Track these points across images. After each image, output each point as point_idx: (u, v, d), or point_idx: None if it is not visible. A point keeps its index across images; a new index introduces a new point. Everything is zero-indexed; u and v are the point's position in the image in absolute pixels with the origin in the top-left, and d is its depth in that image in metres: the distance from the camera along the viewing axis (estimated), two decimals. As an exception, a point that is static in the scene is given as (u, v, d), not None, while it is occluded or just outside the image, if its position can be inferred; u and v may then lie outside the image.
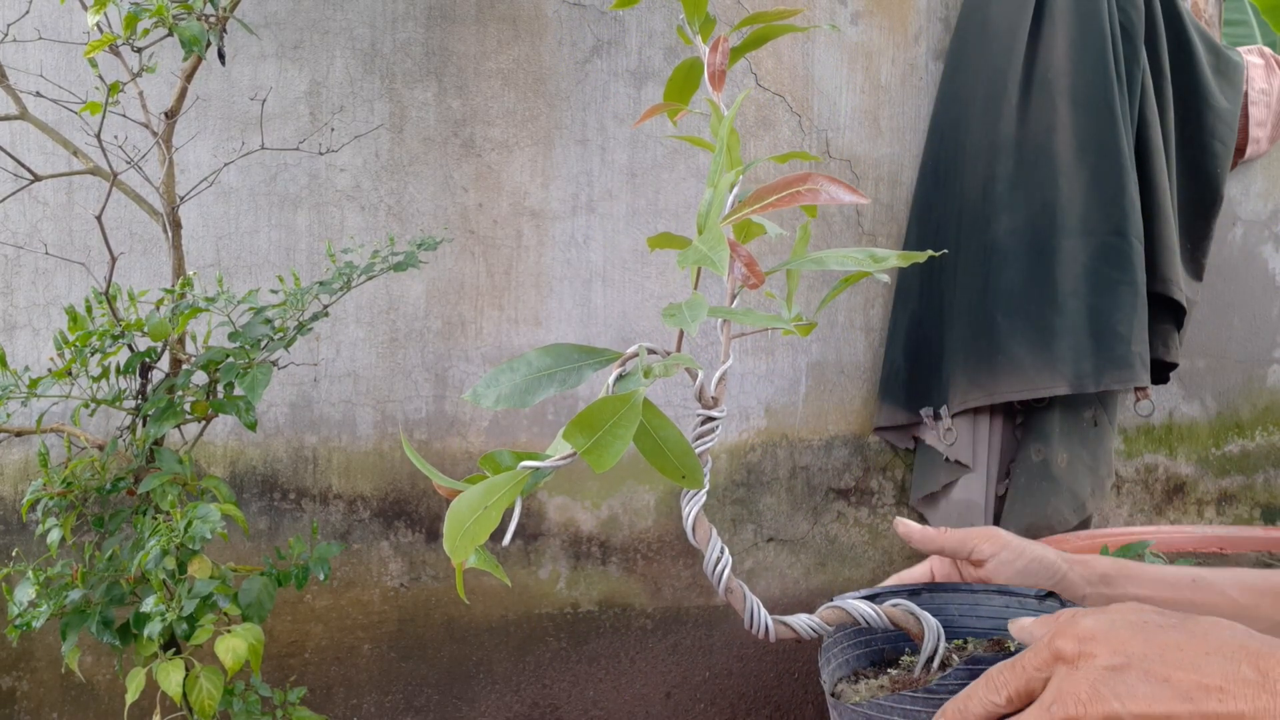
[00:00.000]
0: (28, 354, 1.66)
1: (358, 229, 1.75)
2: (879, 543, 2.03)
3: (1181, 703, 0.47)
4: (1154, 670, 0.48)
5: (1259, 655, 0.47)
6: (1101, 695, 0.49)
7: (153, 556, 1.14)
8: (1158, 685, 0.48)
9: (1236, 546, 1.74)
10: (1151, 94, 1.92)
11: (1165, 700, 0.47)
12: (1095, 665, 0.50)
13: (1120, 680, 0.49)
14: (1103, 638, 0.50)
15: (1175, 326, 1.98)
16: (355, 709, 1.79)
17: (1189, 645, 0.49)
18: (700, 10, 0.60)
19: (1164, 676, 0.48)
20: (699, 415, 0.61)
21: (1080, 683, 0.50)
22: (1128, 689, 0.48)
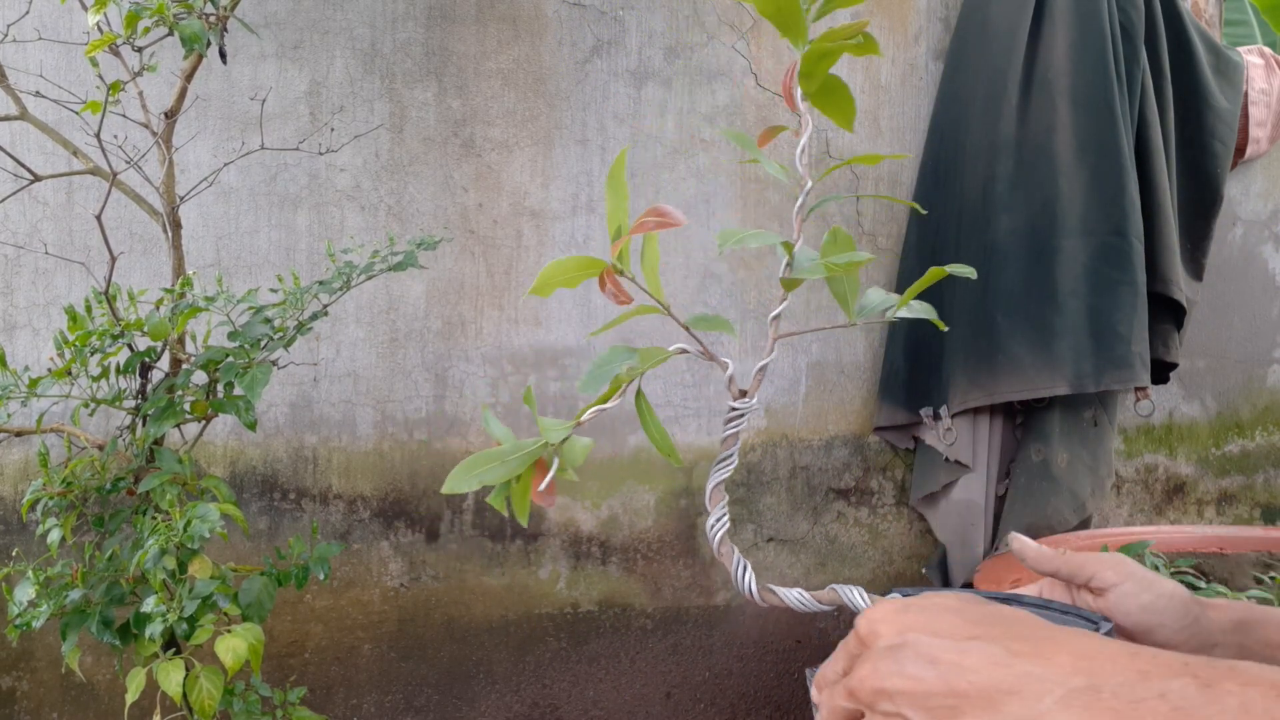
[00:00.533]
0: (28, 354, 1.66)
1: (358, 229, 1.75)
2: (879, 542, 2.03)
3: (940, 681, 0.48)
4: (924, 650, 0.49)
5: (1019, 638, 0.49)
6: (877, 673, 0.51)
7: (152, 556, 1.14)
8: (925, 664, 0.49)
9: (1236, 546, 1.74)
10: (1151, 94, 1.92)
11: (927, 680, 0.49)
12: (878, 645, 0.52)
13: (893, 658, 0.50)
14: (890, 620, 0.52)
15: (1175, 326, 1.98)
16: (355, 709, 1.79)
17: (961, 629, 0.50)
18: (802, 34, 0.61)
19: (932, 657, 0.49)
20: (729, 406, 0.65)
21: (865, 659, 0.52)
22: (897, 667, 0.50)
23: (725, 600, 1.95)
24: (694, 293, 1.89)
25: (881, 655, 0.51)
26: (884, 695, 0.50)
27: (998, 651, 0.48)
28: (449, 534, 1.81)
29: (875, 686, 0.51)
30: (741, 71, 1.89)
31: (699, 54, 1.87)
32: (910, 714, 0.49)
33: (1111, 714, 0.43)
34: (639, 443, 1.88)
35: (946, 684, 0.48)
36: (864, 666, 0.52)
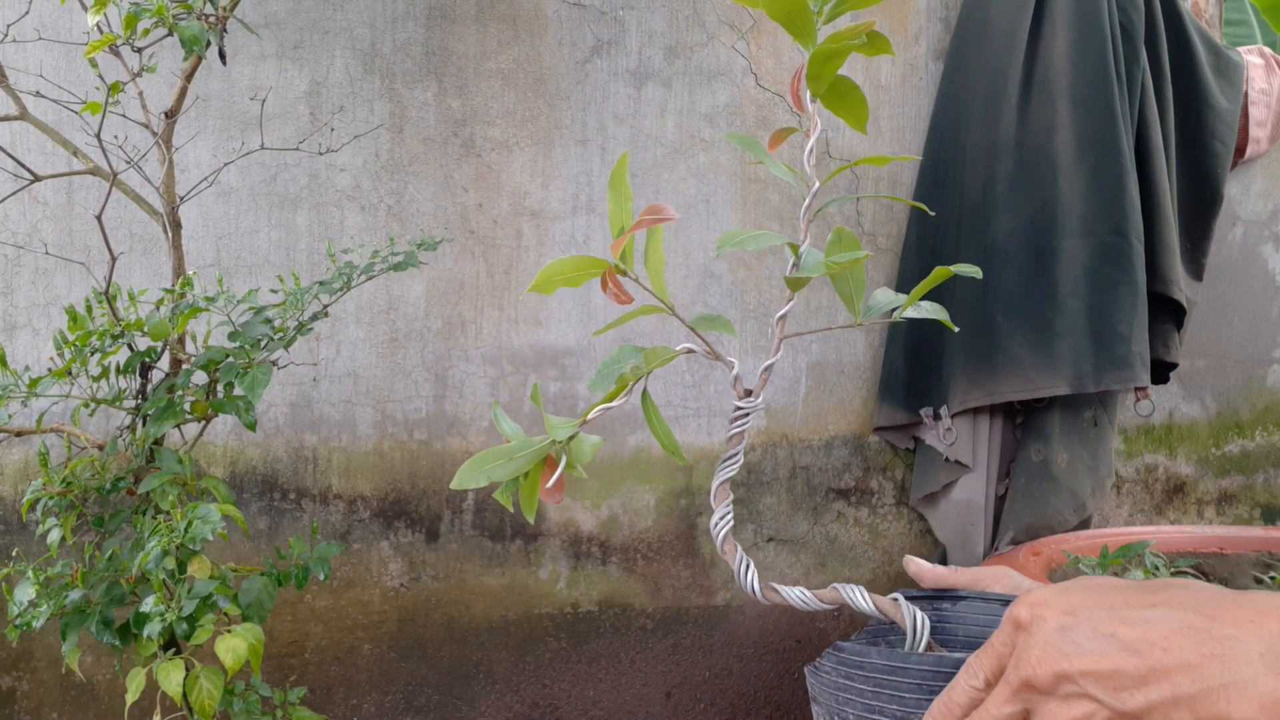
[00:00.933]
0: (28, 354, 1.66)
1: (358, 229, 1.75)
2: (879, 543, 2.03)
3: (1129, 656, 0.46)
4: (1101, 626, 0.47)
5: (1207, 604, 0.46)
6: (1050, 655, 0.48)
7: (153, 556, 1.14)
8: (1104, 640, 0.47)
9: (1236, 546, 1.74)
10: (1151, 94, 1.92)
11: (1112, 655, 0.46)
12: (1046, 627, 0.49)
13: (1068, 638, 0.48)
14: (1053, 600, 0.50)
15: (1175, 326, 1.98)
16: (355, 709, 1.79)
17: (1137, 600, 0.48)
18: (812, 36, 0.61)
19: (1110, 632, 0.47)
20: (734, 405, 0.66)
21: (1033, 645, 0.49)
22: (1075, 646, 0.48)
23: (725, 600, 1.95)
24: (694, 293, 1.89)
25: (1053, 636, 0.48)
26: (1065, 678, 0.47)
27: (1190, 617, 0.46)
28: (449, 534, 1.81)
29: (1054, 670, 0.48)
30: (741, 71, 1.89)
31: (699, 54, 1.88)
32: (1098, 693, 0.47)
33: None
34: (639, 443, 1.88)
35: (1136, 656, 0.46)
36: (1034, 651, 0.48)
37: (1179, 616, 0.46)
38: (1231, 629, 0.45)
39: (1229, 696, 0.43)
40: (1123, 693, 0.46)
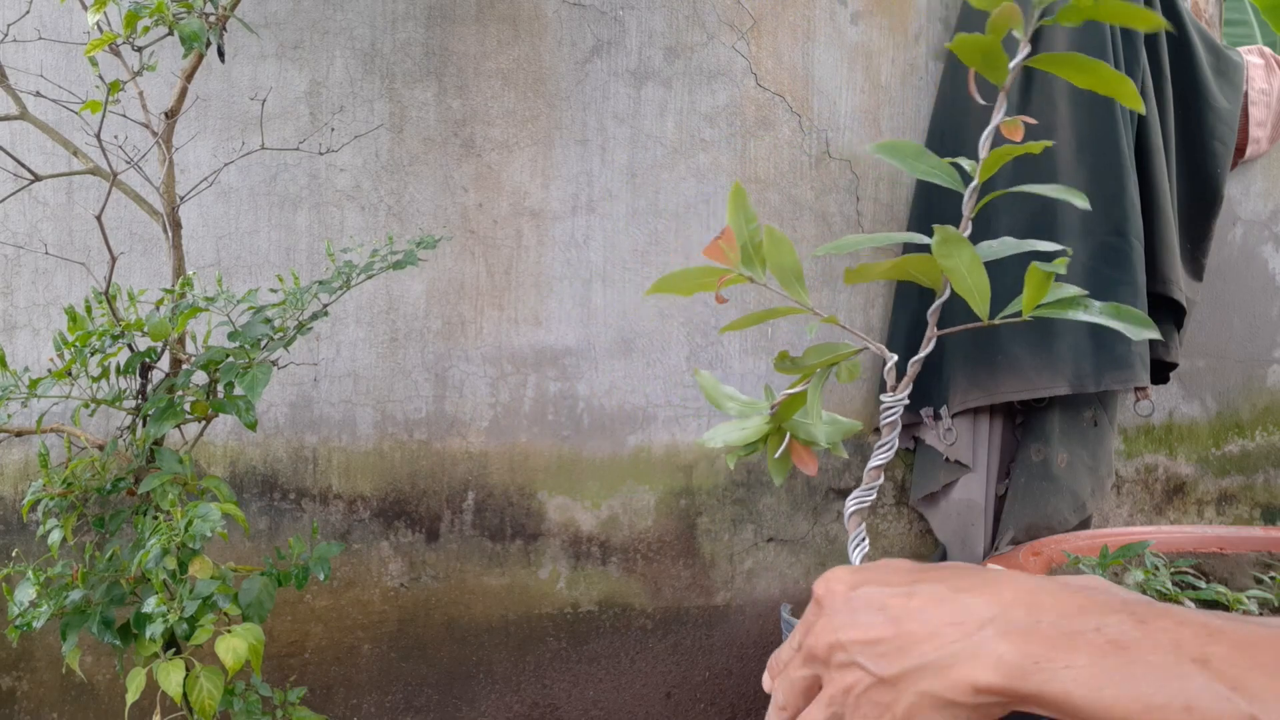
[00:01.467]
0: (28, 354, 1.66)
1: (358, 229, 1.75)
2: (879, 543, 2.03)
3: (888, 625, 0.49)
4: (874, 599, 0.51)
5: (963, 579, 0.49)
6: (832, 624, 0.52)
7: (153, 556, 1.14)
8: (873, 612, 0.50)
9: (1236, 546, 1.74)
10: (1151, 94, 1.92)
11: (877, 626, 0.49)
12: (835, 601, 0.53)
13: (846, 610, 0.51)
14: (845, 577, 0.54)
15: (1175, 326, 1.98)
16: (355, 709, 1.79)
17: (913, 577, 0.51)
18: (1003, 72, 0.62)
19: (881, 604, 0.50)
20: (880, 399, 0.70)
21: (820, 617, 0.53)
22: (850, 618, 0.51)
23: (725, 600, 1.95)
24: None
25: (835, 610, 0.52)
26: (839, 647, 0.51)
27: (942, 589, 0.49)
28: (449, 534, 1.81)
29: (829, 640, 0.51)
30: (741, 71, 1.89)
31: (699, 54, 1.87)
32: (863, 660, 0.50)
33: (1047, 643, 0.44)
34: (639, 442, 1.88)
35: (895, 626, 0.49)
36: (820, 622, 0.53)
37: (934, 589, 0.50)
38: (970, 597, 0.48)
39: (963, 660, 0.46)
40: (882, 660, 0.49)
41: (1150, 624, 0.43)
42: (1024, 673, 0.44)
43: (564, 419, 1.85)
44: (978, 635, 0.46)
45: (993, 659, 0.45)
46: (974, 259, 0.61)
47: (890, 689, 0.49)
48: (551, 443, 1.84)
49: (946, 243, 0.60)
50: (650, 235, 1.87)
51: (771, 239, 0.64)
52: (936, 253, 0.61)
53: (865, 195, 1.97)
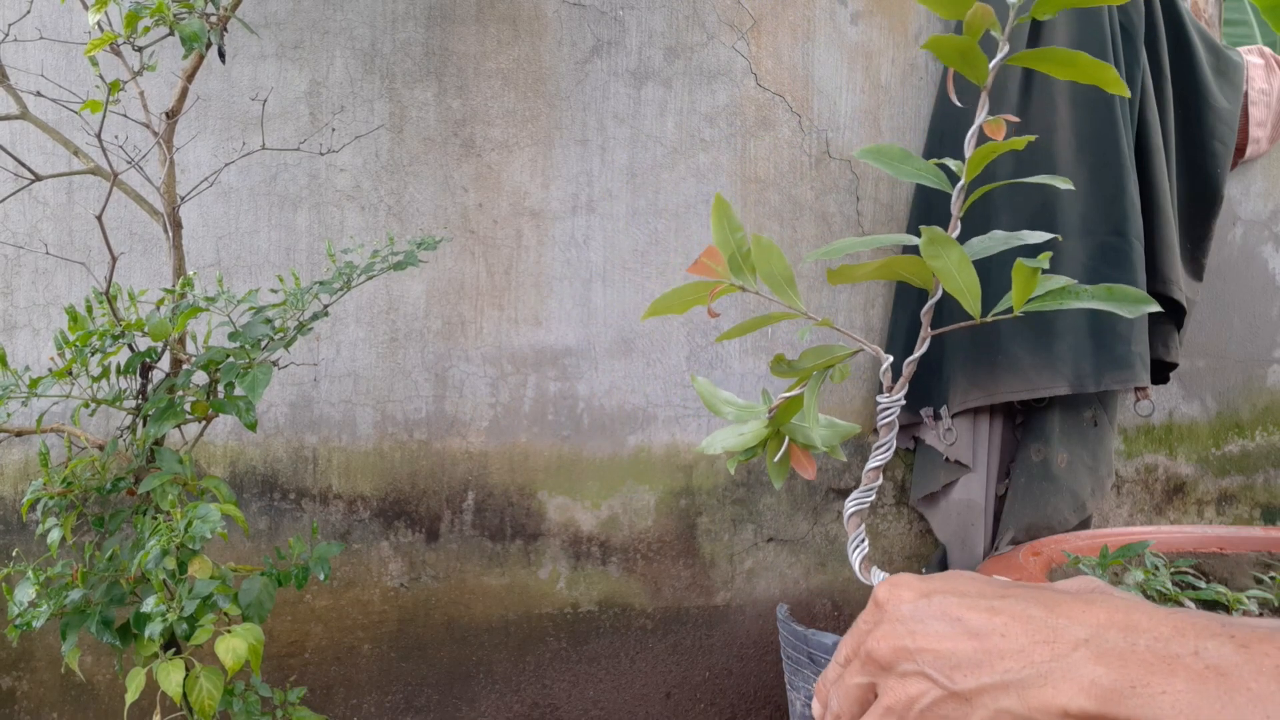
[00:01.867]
0: (28, 354, 1.66)
1: (358, 229, 1.75)
2: (879, 543, 2.03)
3: (968, 639, 0.47)
4: (950, 610, 0.49)
5: (1049, 598, 0.47)
6: (896, 632, 0.50)
7: (153, 556, 1.14)
8: (948, 623, 0.48)
9: (1236, 546, 1.74)
10: (1151, 94, 1.92)
11: (952, 637, 0.48)
12: (901, 607, 0.50)
13: (915, 618, 0.49)
14: (913, 583, 0.51)
15: (1175, 326, 1.98)
16: (355, 709, 1.79)
17: (991, 591, 0.49)
18: (983, 73, 0.63)
19: (957, 616, 0.48)
20: (877, 400, 0.70)
21: (884, 622, 0.51)
22: (920, 626, 0.49)
23: (725, 600, 1.95)
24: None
25: (904, 616, 0.50)
26: (905, 654, 0.49)
27: (1031, 607, 0.47)
28: (449, 534, 1.81)
29: (896, 645, 0.49)
30: (741, 71, 1.89)
31: (699, 54, 1.87)
32: (933, 672, 0.48)
33: (1144, 667, 0.42)
34: (639, 443, 1.88)
35: (976, 640, 0.47)
36: (883, 628, 0.50)
37: (1020, 607, 0.47)
38: (1063, 619, 0.46)
39: (1053, 682, 0.44)
40: (956, 673, 0.47)
41: (1252, 648, 0.41)
42: (1119, 697, 0.42)
43: (564, 419, 1.85)
44: (1071, 657, 0.44)
45: (1086, 682, 0.43)
46: (962, 258, 0.61)
47: (963, 704, 0.47)
48: (551, 443, 1.84)
49: (934, 243, 0.60)
50: (650, 235, 1.87)
51: (759, 247, 0.64)
52: (925, 253, 0.61)
53: (865, 195, 1.97)
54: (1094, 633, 0.44)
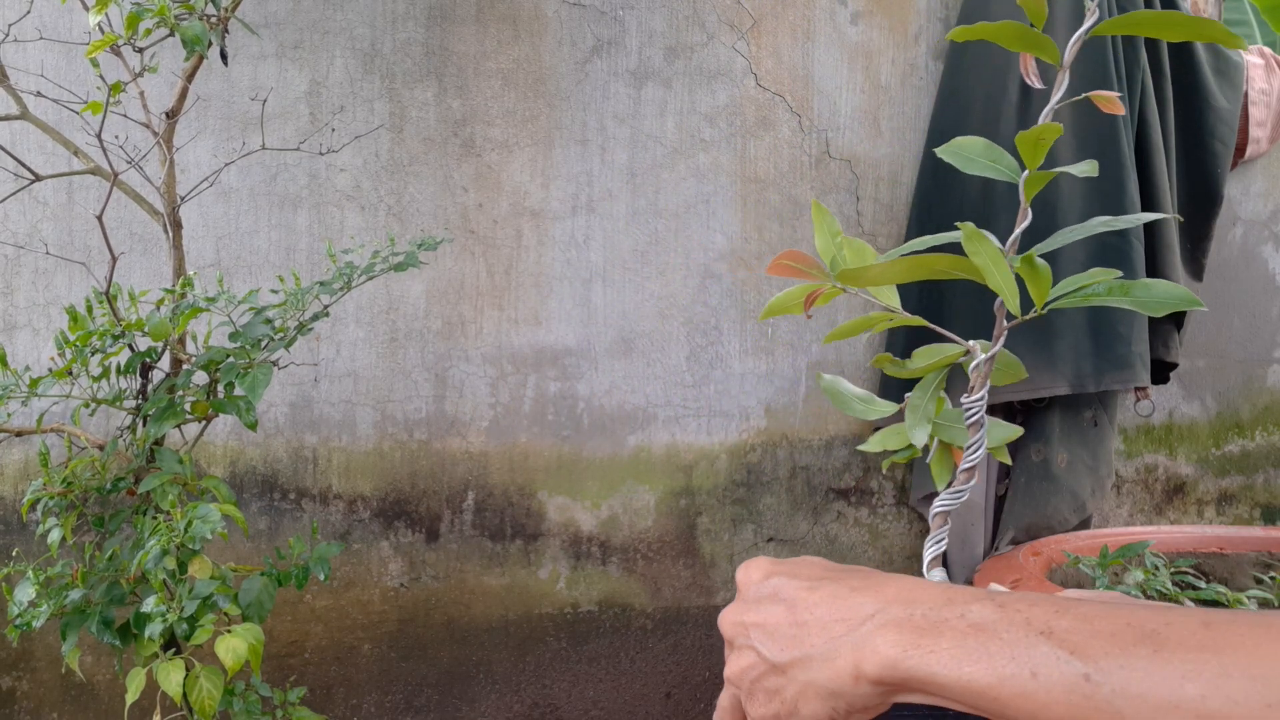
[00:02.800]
0: (28, 354, 1.66)
1: (358, 229, 1.75)
2: (879, 543, 2.03)
3: (786, 613, 0.54)
4: (781, 590, 0.55)
5: (864, 578, 0.54)
6: (738, 608, 0.57)
7: (153, 556, 1.14)
8: (777, 602, 0.55)
9: (1236, 546, 1.74)
10: (1151, 94, 1.92)
11: (777, 613, 0.54)
12: (748, 587, 0.58)
13: (754, 596, 0.56)
14: (760, 565, 0.59)
15: (1175, 327, 1.98)
16: (355, 709, 1.79)
17: (822, 573, 0.56)
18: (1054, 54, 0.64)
19: (785, 595, 0.54)
20: (961, 400, 0.72)
21: (734, 604, 0.58)
22: (756, 604, 0.56)
23: (725, 600, 1.95)
24: (694, 293, 1.89)
25: (748, 595, 0.57)
26: (741, 629, 0.56)
27: (839, 588, 0.53)
28: (449, 534, 1.81)
29: (735, 620, 0.56)
30: (742, 71, 1.89)
31: (699, 54, 1.88)
32: (759, 645, 0.54)
33: (917, 632, 0.48)
34: (639, 442, 1.88)
35: (792, 616, 0.53)
36: (732, 605, 0.58)
37: (833, 588, 0.54)
38: (861, 597, 0.52)
39: (847, 652, 0.50)
40: (775, 647, 0.53)
41: (1008, 608, 0.47)
42: (896, 661, 0.48)
43: (564, 419, 1.85)
44: (860, 629, 0.50)
45: (870, 650, 0.49)
46: (996, 254, 0.61)
47: (780, 676, 0.53)
48: (551, 443, 1.84)
49: (972, 239, 0.61)
50: (650, 235, 1.87)
51: (852, 248, 0.65)
52: (967, 249, 0.62)
53: (865, 195, 1.97)
54: (880, 607, 0.50)
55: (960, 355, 0.67)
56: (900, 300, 0.72)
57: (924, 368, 0.69)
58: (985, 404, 0.68)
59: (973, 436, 0.70)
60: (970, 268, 0.62)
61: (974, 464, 0.70)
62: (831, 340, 0.67)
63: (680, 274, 1.90)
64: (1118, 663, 0.42)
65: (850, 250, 0.65)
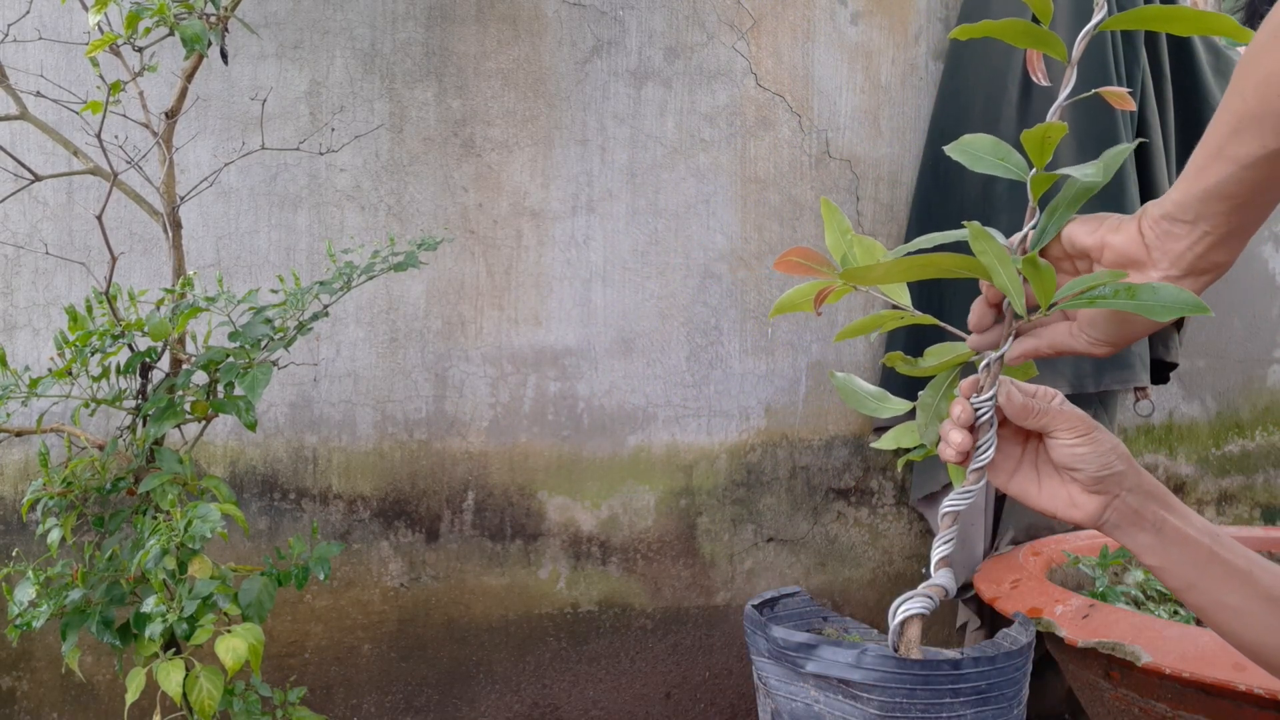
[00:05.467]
0: (28, 354, 1.66)
1: (358, 229, 1.75)
2: (879, 542, 2.03)
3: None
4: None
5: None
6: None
7: (153, 556, 1.14)
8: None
9: (1236, 546, 1.73)
10: (1151, 94, 1.92)
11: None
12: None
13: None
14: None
15: (1175, 327, 1.98)
16: (355, 709, 1.79)
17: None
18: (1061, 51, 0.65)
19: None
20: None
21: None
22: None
23: (725, 600, 1.95)
24: (694, 292, 1.89)
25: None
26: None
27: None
28: (449, 534, 1.81)
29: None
30: (742, 71, 1.89)
31: (699, 54, 1.88)
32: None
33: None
34: (639, 442, 1.88)
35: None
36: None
37: None
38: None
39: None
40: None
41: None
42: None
43: (564, 419, 1.85)
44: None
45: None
46: (1002, 253, 0.61)
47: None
48: (551, 443, 1.84)
49: (979, 238, 0.61)
50: (650, 235, 1.87)
51: (862, 246, 0.65)
52: (974, 248, 0.61)
53: (865, 195, 1.97)
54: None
55: (972, 354, 0.67)
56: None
57: (935, 366, 0.69)
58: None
59: (982, 437, 0.69)
60: (977, 267, 0.62)
61: (983, 464, 0.69)
62: (843, 338, 0.67)
63: (680, 274, 1.90)
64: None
65: (860, 248, 0.65)
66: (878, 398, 0.80)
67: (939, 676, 0.72)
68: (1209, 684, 1.14)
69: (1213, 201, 0.62)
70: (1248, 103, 0.58)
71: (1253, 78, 0.58)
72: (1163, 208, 0.65)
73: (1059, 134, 0.64)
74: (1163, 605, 1.59)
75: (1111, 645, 1.25)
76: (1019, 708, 0.99)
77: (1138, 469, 0.74)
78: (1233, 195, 0.61)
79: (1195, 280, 0.66)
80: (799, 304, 0.68)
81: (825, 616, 1.22)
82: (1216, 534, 0.72)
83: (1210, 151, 0.61)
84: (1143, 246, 0.67)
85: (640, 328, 1.87)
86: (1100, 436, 0.73)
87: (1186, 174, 0.64)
